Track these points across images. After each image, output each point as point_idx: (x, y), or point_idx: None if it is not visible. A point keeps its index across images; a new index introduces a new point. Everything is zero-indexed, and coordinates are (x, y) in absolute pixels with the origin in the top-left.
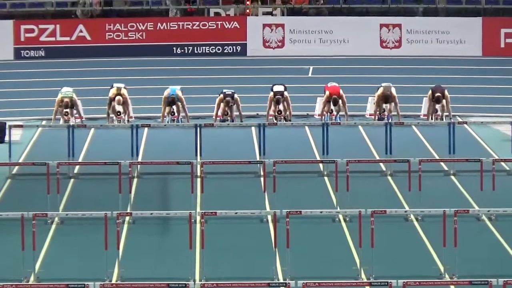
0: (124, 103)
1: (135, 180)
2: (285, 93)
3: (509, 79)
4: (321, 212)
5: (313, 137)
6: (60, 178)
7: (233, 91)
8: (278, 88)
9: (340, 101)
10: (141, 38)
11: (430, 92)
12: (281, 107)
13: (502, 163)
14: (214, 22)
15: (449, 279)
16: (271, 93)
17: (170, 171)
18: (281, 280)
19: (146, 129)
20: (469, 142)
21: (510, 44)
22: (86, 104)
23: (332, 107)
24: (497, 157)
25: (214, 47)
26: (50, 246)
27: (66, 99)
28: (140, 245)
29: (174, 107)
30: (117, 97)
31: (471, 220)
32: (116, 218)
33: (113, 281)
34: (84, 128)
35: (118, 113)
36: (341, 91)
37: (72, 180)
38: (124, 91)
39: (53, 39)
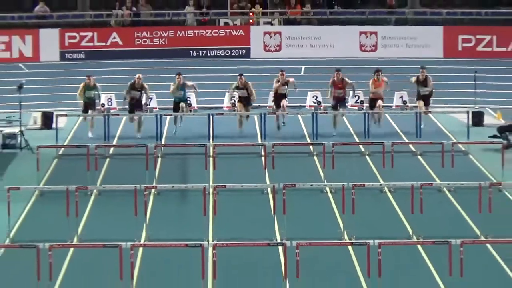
0: (142, 85)
1: (159, 159)
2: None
3: (465, 76)
4: (311, 185)
5: (304, 124)
6: (98, 157)
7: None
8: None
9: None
10: (163, 43)
11: (415, 78)
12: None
13: (460, 145)
14: (224, 30)
15: (416, 240)
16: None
17: (188, 152)
18: (279, 241)
19: (168, 117)
20: (432, 128)
21: (466, 47)
22: (118, 97)
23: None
24: (455, 140)
25: (223, 51)
26: (90, 214)
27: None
28: (163, 212)
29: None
30: (138, 75)
31: (434, 192)
32: (143, 190)
33: (142, 242)
34: (117, 116)
35: (132, 100)
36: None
37: (107, 159)
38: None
39: (91, 44)
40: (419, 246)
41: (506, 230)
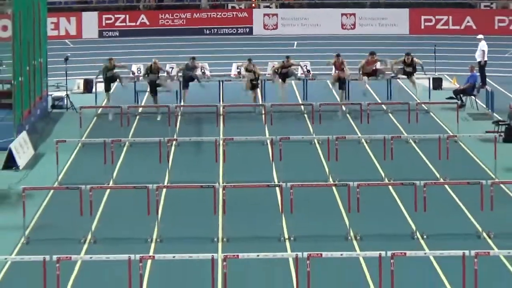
0: (159, 68)
1: (179, 117)
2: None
3: (427, 49)
4: (302, 137)
5: (297, 88)
6: (129, 116)
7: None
8: None
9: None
10: (182, 23)
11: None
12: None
13: (423, 105)
14: (231, 12)
15: (387, 181)
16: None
17: (203, 111)
18: (276, 183)
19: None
20: (400, 91)
21: (427, 26)
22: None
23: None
24: (419, 101)
25: (231, 29)
26: (122, 161)
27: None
28: (182, 160)
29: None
30: (154, 60)
31: (402, 143)
32: (166, 142)
33: (165, 184)
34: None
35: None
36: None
37: (137, 117)
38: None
39: (124, 24)
40: (390, 187)
41: (461, 173)
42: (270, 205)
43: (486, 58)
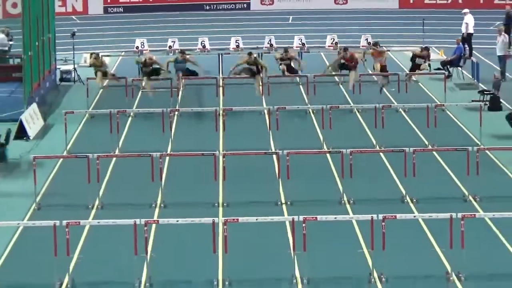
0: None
1: (181, 88)
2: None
3: (415, 23)
4: (298, 107)
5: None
6: (134, 88)
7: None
8: None
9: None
10: None
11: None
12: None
13: (412, 76)
14: None
15: (378, 148)
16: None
17: (203, 83)
18: (273, 150)
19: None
20: (390, 62)
21: (416, 1)
22: (149, 41)
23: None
24: (408, 72)
25: (229, 5)
26: (128, 131)
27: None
28: (184, 129)
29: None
30: (148, 55)
31: (392, 112)
32: (169, 112)
33: (168, 152)
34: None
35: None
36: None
37: (140, 90)
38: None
39: (128, 0)
40: (381, 154)
41: (448, 140)
42: (267, 172)
43: (470, 31)
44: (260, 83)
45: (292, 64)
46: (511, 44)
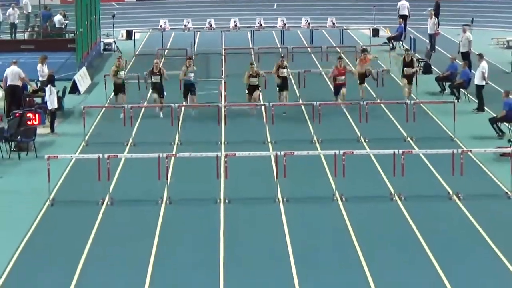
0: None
1: (194, 56)
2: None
3: (369, 7)
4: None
5: (276, 36)
6: (159, 55)
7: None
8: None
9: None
10: None
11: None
12: None
13: (366, 48)
14: None
15: (340, 101)
16: None
17: (209, 52)
18: (262, 102)
19: (198, 33)
20: (350, 39)
21: None
22: (171, 20)
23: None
24: (362, 45)
25: None
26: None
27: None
28: None
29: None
30: (156, 61)
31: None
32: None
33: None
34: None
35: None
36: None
37: (163, 58)
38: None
39: None
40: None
41: (391, 96)
42: (258, 120)
43: (406, 13)
44: (257, 99)
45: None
46: (438, 25)
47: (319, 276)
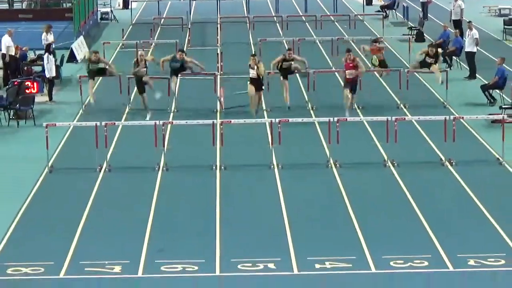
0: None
1: (189, 28)
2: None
3: None
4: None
5: (270, 4)
6: (154, 25)
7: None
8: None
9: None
10: None
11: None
12: None
13: (359, 16)
14: None
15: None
16: None
17: (205, 21)
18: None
19: (194, 2)
20: (344, 8)
21: None
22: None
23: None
24: (356, 13)
25: None
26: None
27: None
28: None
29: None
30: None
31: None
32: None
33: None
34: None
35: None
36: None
37: (159, 27)
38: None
39: None
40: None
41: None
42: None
43: None
44: (258, 100)
45: (294, 65)
46: None
47: (313, 239)
